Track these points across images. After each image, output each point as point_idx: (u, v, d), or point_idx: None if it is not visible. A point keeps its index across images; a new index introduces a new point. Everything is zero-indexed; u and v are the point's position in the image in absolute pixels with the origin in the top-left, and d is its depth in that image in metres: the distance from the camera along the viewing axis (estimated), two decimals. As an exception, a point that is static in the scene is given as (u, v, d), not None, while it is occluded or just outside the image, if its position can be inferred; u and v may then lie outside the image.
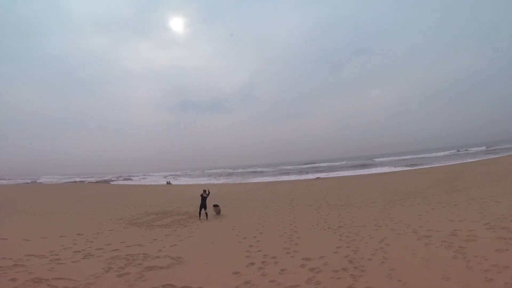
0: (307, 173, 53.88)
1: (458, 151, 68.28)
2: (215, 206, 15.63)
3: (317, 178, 39.52)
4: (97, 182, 64.48)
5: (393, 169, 43.52)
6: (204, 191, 14.84)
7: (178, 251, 8.61)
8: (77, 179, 76.31)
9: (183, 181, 60.73)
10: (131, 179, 75.22)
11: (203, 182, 49.57)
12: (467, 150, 69.03)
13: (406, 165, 47.11)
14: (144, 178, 77.28)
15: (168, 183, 51.11)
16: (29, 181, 70.85)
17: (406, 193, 17.70)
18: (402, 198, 16.05)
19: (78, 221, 14.95)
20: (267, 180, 43.55)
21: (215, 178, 63.74)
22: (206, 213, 14.36)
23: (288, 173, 58.95)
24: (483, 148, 67.97)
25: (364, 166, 55.72)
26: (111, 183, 60.77)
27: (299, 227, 11.09)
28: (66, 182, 63.77)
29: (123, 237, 10.90)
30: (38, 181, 74.65)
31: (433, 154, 67.08)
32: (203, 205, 14.35)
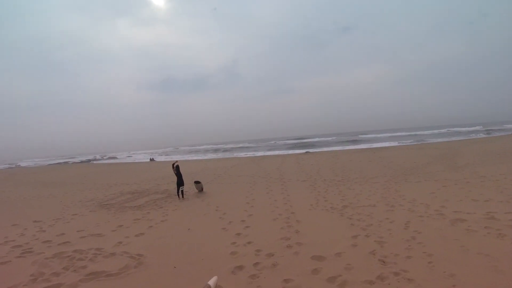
0: (294, 147, 52.40)
1: (448, 130, 67.50)
2: (197, 182, 13.69)
3: (306, 152, 38.03)
4: (81, 162, 61.28)
5: (384, 144, 42.38)
6: (173, 165, 12.86)
7: (142, 244, 6.68)
8: (61, 161, 72.51)
9: (168, 158, 58.21)
10: (116, 158, 72.03)
11: (187, 158, 47.42)
12: (459, 129, 68.11)
13: (398, 142, 46.07)
14: (129, 157, 74.01)
15: (152, 159, 48.51)
16: (7, 166, 66.21)
17: (407, 168, 16.29)
18: (404, 174, 14.62)
19: (44, 205, 12.90)
20: (254, 155, 41.72)
21: (202, 154, 61.39)
22: (182, 191, 12.44)
23: (274, 148, 57.20)
24: (478, 127, 66.16)
25: (353, 142, 54.41)
26: (94, 162, 57.69)
27: (296, 207, 9.33)
28: (49, 164, 60.23)
29: (84, 223, 8.95)
30: (18, 165, 70.07)
31: (423, 132, 66.25)
32: (179, 182, 12.38)
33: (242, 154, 46.81)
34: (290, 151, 44.64)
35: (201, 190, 13.55)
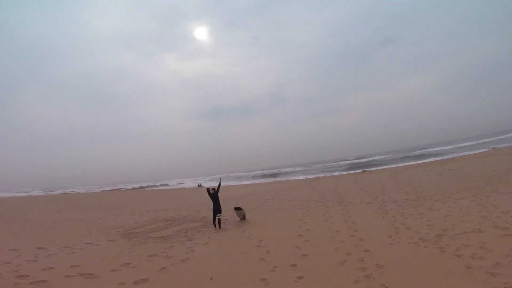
0: (349, 168, 48.42)
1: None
2: (237, 209, 11.65)
3: (363, 171, 34.43)
4: (133, 189, 63.77)
5: (448, 156, 36.87)
6: (208, 190, 11.20)
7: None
8: (114, 188, 76.24)
9: (216, 183, 57.97)
10: (167, 185, 74.22)
11: (234, 183, 46.48)
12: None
13: (463, 152, 39.91)
14: (180, 183, 75.91)
15: (199, 185, 48.37)
16: (61, 191, 71.06)
17: (489, 178, 13.66)
18: (490, 184, 12.03)
19: (67, 230, 12.04)
20: (306, 178, 38.99)
21: (250, 179, 60.28)
22: (219, 219, 10.49)
23: (327, 170, 53.72)
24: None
25: (412, 157, 48.61)
26: (147, 189, 59.69)
27: (369, 241, 6.65)
28: (102, 191, 63.51)
29: (89, 256, 7.35)
30: (73, 191, 75.10)
31: (487, 139, 56.84)
32: (216, 209, 10.51)
33: (292, 178, 44.43)
34: (345, 172, 41.14)
35: (243, 218, 11.52)
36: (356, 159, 76.81)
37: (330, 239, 7.26)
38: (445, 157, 36.09)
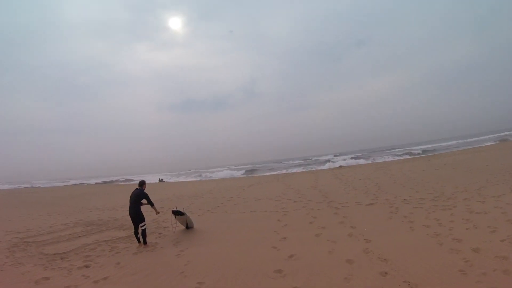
0: (322, 163, 45.51)
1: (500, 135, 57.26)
2: (177, 213, 7.40)
3: (340, 166, 31.69)
4: (96, 184, 57.58)
5: (433, 153, 35.03)
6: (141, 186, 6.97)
7: None
8: (77, 182, 69.44)
9: (181, 179, 53.13)
10: (132, 180, 68.20)
11: (196, 179, 42.30)
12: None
13: (455, 147, 38.40)
14: (144, 178, 69.93)
15: (161, 180, 43.69)
16: (17, 186, 63.75)
17: (502, 171, 11.44)
18: None
19: None
20: (278, 173, 35.38)
21: (217, 173, 55.93)
22: (143, 231, 6.45)
23: (299, 166, 50.69)
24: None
25: (389, 155, 47.08)
26: (112, 184, 53.68)
27: (421, 280, 3.25)
28: (64, 185, 56.77)
29: None
30: (33, 185, 67.59)
31: (472, 139, 56.81)
32: (135, 215, 6.42)
33: (262, 174, 40.86)
34: (319, 167, 38.26)
35: (188, 226, 7.58)
36: (327, 155, 74.89)
37: (343, 283, 3.55)
38: (428, 154, 34.05)
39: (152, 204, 6.62)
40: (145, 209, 6.67)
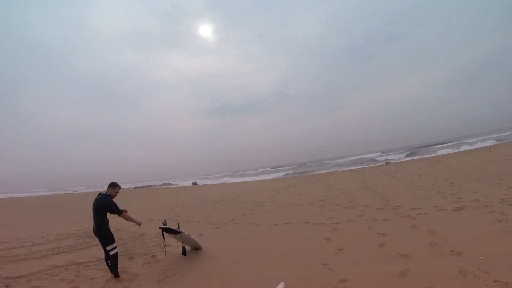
0: (361, 164, 41.57)
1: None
2: (168, 231, 5.14)
3: (387, 163, 28.35)
4: (135, 188, 58.97)
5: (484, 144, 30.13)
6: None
7: None
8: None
9: (214, 181, 52.21)
10: (170, 184, 69.09)
11: (230, 181, 40.84)
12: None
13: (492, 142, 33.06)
14: (183, 182, 70.61)
15: (194, 183, 43.08)
16: (63, 192, 67.17)
17: None
18: None
19: None
20: (317, 173, 32.51)
21: (249, 176, 54.15)
22: (112, 257, 4.45)
23: (340, 166, 47.12)
24: None
25: (431, 150, 41.76)
26: (152, 188, 54.42)
27: None
28: (93, 191, 58.81)
29: None
30: (69, 191, 71.04)
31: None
32: (100, 237, 4.45)
33: (299, 174, 38.22)
34: (362, 166, 34.87)
35: (185, 251, 5.21)
36: (365, 154, 69.56)
37: None
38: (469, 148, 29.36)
39: (119, 213, 4.44)
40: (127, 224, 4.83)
